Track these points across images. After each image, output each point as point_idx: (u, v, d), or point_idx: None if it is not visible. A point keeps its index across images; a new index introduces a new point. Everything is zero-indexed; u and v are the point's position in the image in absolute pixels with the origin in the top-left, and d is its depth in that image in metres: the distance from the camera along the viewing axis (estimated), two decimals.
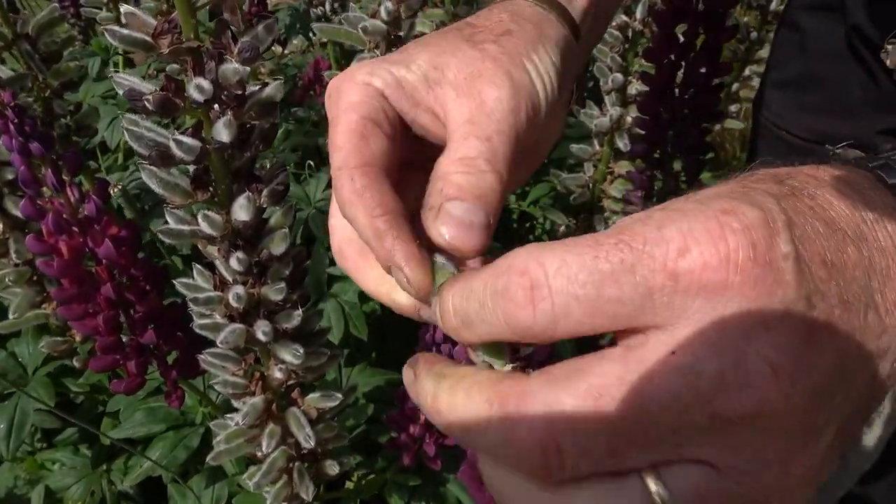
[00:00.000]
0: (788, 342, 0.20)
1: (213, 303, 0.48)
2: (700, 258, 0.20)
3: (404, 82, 0.30)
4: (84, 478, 0.93)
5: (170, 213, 0.44)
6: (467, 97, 0.29)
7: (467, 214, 0.27)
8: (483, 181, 0.27)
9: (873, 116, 0.63)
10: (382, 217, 0.27)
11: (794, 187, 0.24)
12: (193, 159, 0.39)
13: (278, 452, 0.63)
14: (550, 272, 0.21)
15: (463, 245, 0.27)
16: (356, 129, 0.29)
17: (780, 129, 0.70)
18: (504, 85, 0.29)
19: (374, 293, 0.30)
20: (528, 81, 0.30)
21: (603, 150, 1.02)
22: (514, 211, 1.51)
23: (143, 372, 0.60)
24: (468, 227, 0.27)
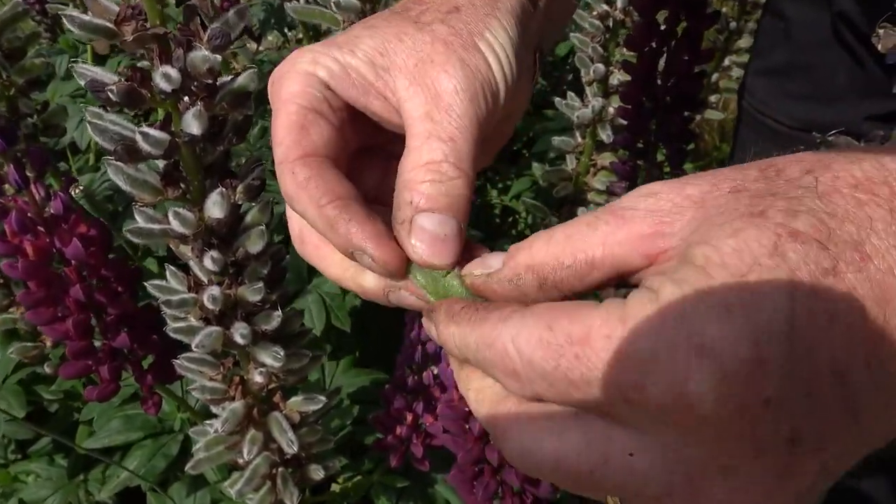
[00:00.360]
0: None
1: (188, 305, 0.46)
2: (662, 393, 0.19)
3: (350, 69, 0.29)
4: (60, 489, 0.90)
5: (139, 211, 0.42)
6: (420, 86, 0.28)
7: (440, 227, 0.26)
8: (452, 188, 0.27)
9: (859, 103, 0.63)
10: (331, 204, 0.27)
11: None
12: (162, 153, 0.37)
13: (260, 459, 0.61)
14: (523, 362, 0.22)
15: (440, 260, 0.26)
16: (296, 120, 0.28)
17: (764, 116, 0.70)
18: (458, 74, 0.28)
19: (340, 279, 0.29)
20: (483, 65, 0.29)
21: (585, 142, 1.00)
22: (496, 206, 1.50)
23: (116, 378, 0.58)
24: (442, 241, 0.26)
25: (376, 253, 0.26)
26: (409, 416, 0.69)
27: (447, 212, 0.26)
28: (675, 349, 0.19)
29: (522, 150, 1.58)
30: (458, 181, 0.27)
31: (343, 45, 0.29)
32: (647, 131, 0.76)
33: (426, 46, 0.29)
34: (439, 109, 0.27)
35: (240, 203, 0.44)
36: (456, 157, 0.27)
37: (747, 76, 0.73)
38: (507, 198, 1.44)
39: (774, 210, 0.20)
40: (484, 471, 0.53)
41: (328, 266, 0.30)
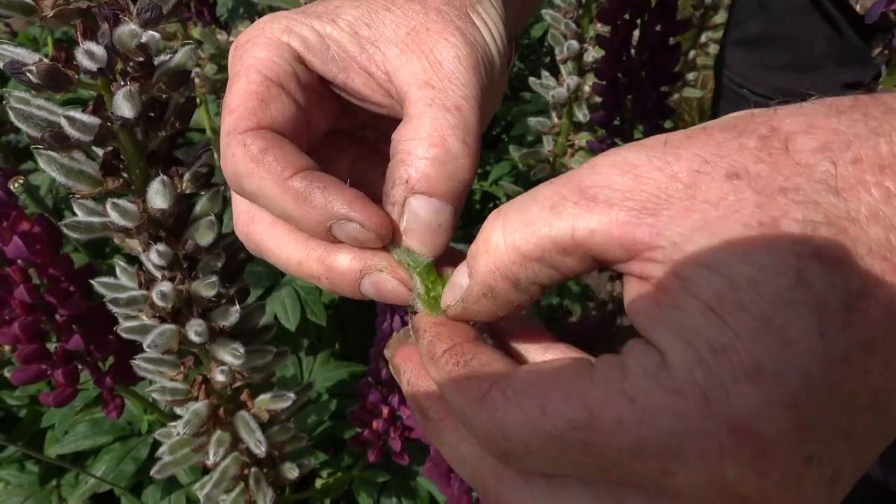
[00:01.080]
0: None
1: (137, 302, 0.43)
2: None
3: (330, 40, 0.26)
4: (31, 496, 0.87)
5: (78, 204, 0.39)
6: (416, 54, 0.25)
7: (436, 216, 0.23)
8: (457, 171, 0.23)
9: (837, 70, 0.62)
10: (297, 175, 0.23)
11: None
12: (93, 139, 0.34)
13: (230, 460, 0.58)
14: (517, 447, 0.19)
15: (430, 251, 0.24)
16: (256, 90, 0.25)
17: (742, 87, 0.68)
18: (458, 42, 0.25)
19: (301, 263, 0.25)
20: (479, 36, 0.26)
21: (562, 122, 0.98)
22: (475, 191, 1.47)
23: (73, 381, 0.55)
24: (435, 230, 0.24)
25: (363, 216, 0.23)
26: (386, 409, 0.67)
27: (445, 198, 0.23)
28: (704, 430, 0.16)
29: (501, 134, 1.56)
30: (464, 162, 0.23)
31: (322, 15, 0.26)
32: (623, 108, 0.73)
33: (418, 15, 0.26)
34: (441, 77, 0.24)
35: (188, 192, 0.41)
36: (464, 129, 0.23)
37: (724, 48, 0.71)
38: (487, 183, 1.42)
39: (789, 220, 0.17)
40: None
41: (285, 249, 0.25)
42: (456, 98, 0.24)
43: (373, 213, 0.23)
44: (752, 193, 0.17)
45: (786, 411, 0.16)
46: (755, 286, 0.17)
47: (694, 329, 0.17)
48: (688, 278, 0.17)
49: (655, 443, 0.17)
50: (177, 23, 1.00)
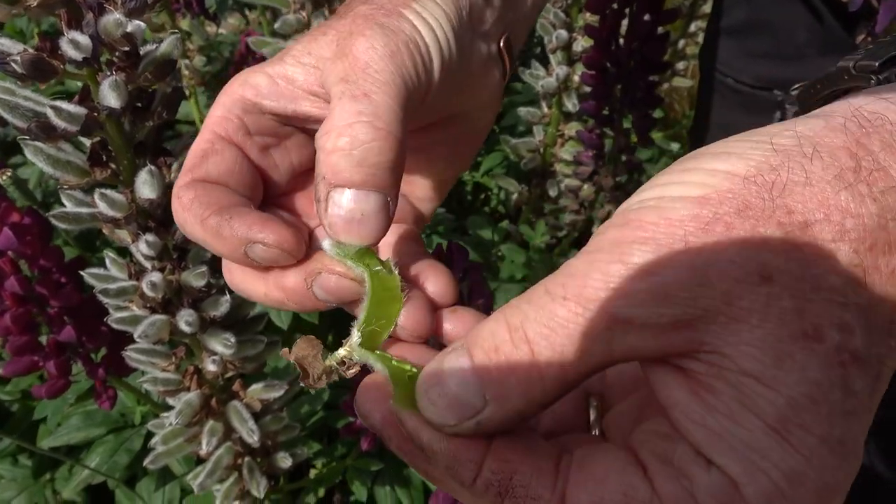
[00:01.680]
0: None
1: (127, 293, 0.43)
2: None
3: (279, 77, 0.28)
4: (25, 490, 0.87)
5: (66, 195, 0.39)
6: (339, 58, 0.26)
7: (357, 205, 0.23)
8: (368, 155, 0.23)
9: (820, 58, 0.62)
10: (212, 214, 0.25)
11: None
12: (79, 129, 0.34)
13: (223, 450, 0.59)
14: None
15: (358, 240, 0.24)
16: (202, 148, 0.27)
17: (726, 76, 0.68)
18: (375, 34, 0.26)
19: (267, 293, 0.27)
20: (406, 26, 0.27)
21: (552, 112, 0.98)
22: (467, 182, 1.48)
23: (65, 373, 0.55)
24: (359, 221, 0.23)
25: (263, 234, 0.24)
26: None
27: (364, 186, 0.23)
28: None
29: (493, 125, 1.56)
30: (374, 145, 0.23)
31: (276, 59, 0.28)
32: (612, 97, 0.74)
33: (346, 26, 0.27)
34: (355, 70, 0.25)
35: None
36: (372, 113, 0.23)
37: (709, 37, 0.72)
38: (479, 174, 1.42)
39: (828, 326, 0.17)
40: None
41: (252, 285, 0.27)
42: (365, 85, 0.24)
43: (272, 230, 0.24)
44: (790, 298, 0.18)
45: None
46: (815, 405, 0.17)
47: (762, 452, 0.17)
48: (746, 394, 0.18)
49: None
50: (165, 14, 0.99)
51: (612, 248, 0.19)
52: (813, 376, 0.17)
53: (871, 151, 0.18)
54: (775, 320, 0.18)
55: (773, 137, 0.19)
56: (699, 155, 0.20)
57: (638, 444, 0.21)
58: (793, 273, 0.18)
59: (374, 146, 0.23)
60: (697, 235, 0.18)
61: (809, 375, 0.17)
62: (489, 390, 0.20)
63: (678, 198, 0.19)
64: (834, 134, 0.19)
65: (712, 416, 0.18)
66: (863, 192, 0.18)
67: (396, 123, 0.24)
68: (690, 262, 0.18)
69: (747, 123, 0.25)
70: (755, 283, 0.18)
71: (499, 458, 0.20)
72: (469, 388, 0.20)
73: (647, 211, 0.19)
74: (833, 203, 0.18)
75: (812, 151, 0.18)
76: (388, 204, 0.24)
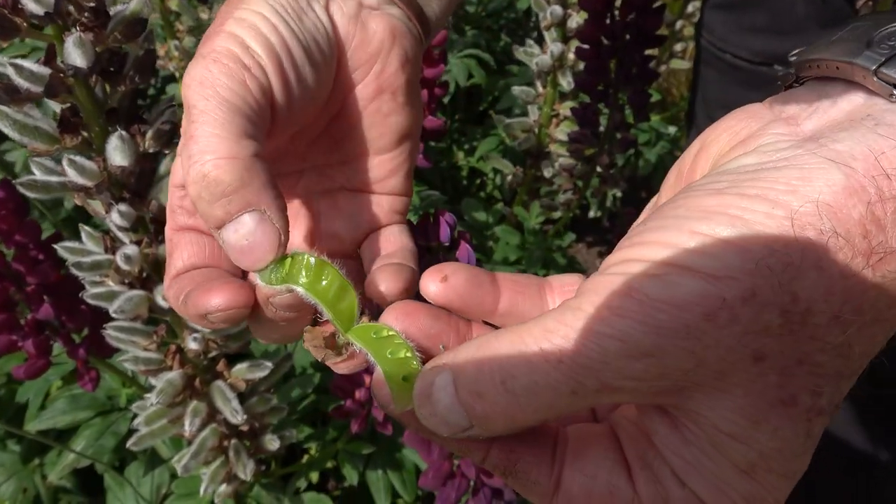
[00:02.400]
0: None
1: (102, 267, 0.42)
2: None
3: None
4: (14, 475, 0.86)
5: (35, 162, 0.38)
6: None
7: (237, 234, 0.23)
8: (215, 189, 0.23)
9: (818, 33, 0.60)
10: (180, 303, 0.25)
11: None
12: (44, 91, 0.32)
13: (208, 431, 0.57)
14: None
15: (262, 262, 0.23)
16: (167, 249, 0.29)
17: (723, 52, 0.66)
18: (194, 67, 0.24)
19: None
20: (222, 45, 0.25)
21: (546, 91, 0.97)
22: (463, 167, 1.46)
23: (44, 352, 0.54)
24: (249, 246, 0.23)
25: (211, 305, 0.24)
26: (368, 378, 0.66)
27: (230, 216, 0.23)
28: None
29: (488, 110, 1.54)
30: (212, 179, 0.22)
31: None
32: (607, 72, 0.72)
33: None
34: (186, 117, 0.24)
35: (151, 151, 0.40)
36: (198, 152, 0.23)
37: (704, 12, 0.70)
38: (474, 159, 1.40)
39: (804, 393, 0.19)
40: None
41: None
42: (189, 129, 0.23)
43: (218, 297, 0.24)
44: (776, 375, 0.19)
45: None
46: (781, 453, 0.20)
47: (729, 484, 0.20)
48: (721, 443, 0.20)
49: None
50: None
51: (613, 321, 0.19)
52: (783, 434, 0.20)
53: (883, 228, 0.18)
54: (758, 393, 0.19)
55: (792, 206, 0.19)
56: (713, 215, 0.19)
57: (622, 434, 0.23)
58: (784, 353, 0.19)
59: (211, 179, 0.22)
60: (701, 326, 0.18)
61: (780, 434, 0.19)
62: (473, 420, 0.21)
63: (687, 269, 0.19)
64: (852, 203, 0.18)
65: (688, 450, 0.20)
66: (866, 278, 0.18)
67: (227, 144, 0.23)
68: (690, 350, 0.18)
69: (748, 100, 0.24)
70: (748, 363, 0.19)
71: (504, 448, 0.22)
72: (457, 416, 0.21)
73: (653, 283, 0.19)
74: (837, 291, 0.18)
75: (829, 230, 0.18)
76: (262, 216, 0.23)
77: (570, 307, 0.20)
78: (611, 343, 0.19)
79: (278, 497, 0.76)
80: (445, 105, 1.37)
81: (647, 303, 0.18)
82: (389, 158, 0.30)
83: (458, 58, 1.25)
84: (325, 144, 0.30)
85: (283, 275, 0.23)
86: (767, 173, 0.19)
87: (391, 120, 0.29)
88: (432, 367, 0.22)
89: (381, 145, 0.30)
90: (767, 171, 0.19)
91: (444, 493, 0.52)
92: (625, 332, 0.19)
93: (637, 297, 0.19)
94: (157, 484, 0.80)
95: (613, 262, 0.20)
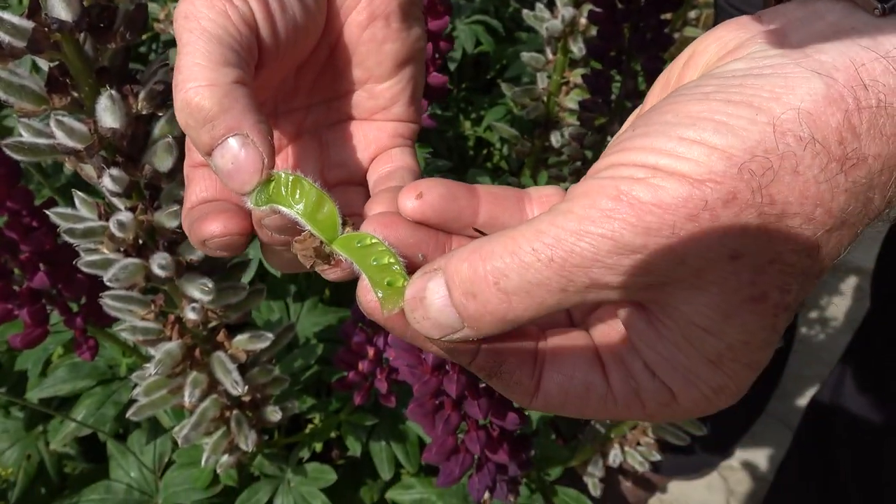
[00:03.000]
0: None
1: (96, 234, 0.41)
2: None
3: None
4: (18, 441, 0.86)
5: (23, 124, 0.36)
6: None
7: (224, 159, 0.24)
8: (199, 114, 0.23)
9: None
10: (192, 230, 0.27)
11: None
12: (27, 45, 0.30)
13: (208, 402, 0.56)
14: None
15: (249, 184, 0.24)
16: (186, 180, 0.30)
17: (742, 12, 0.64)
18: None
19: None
20: None
21: (556, 57, 0.94)
22: (469, 137, 1.43)
23: (40, 321, 0.53)
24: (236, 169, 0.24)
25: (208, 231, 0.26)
26: (371, 350, 0.65)
27: (215, 141, 0.24)
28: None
29: (496, 78, 1.51)
30: (197, 105, 0.23)
31: None
32: (620, 37, 0.69)
33: None
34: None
35: (144, 112, 0.38)
36: (182, 80, 0.23)
37: None
38: (481, 129, 1.37)
39: (774, 291, 0.21)
40: (444, 404, 0.49)
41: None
42: (178, 61, 0.24)
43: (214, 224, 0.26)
44: (749, 272, 0.20)
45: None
46: (747, 345, 0.21)
47: (698, 374, 0.22)
48: (693, 336, 0.21)
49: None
50: None
51: (603, 222, 0.20)
52: (751, 328, 0.21)
53: (857, 136, 0.19)
54: (732, 289, 0.20)
55: (774, 113, 0.20)
56: (700, 122, 0.20)
57: (598, 334, 0.25)
58: (758, 252, 0.20)
59: (194, 106, 0.23)
60: (685, 226, 0.20)
61: (748, 328, 0.21)
62: (466, 322, 0.22)
63: (672, 174, 0.20)
64: (831, 111, 0.19)
65: (662, 344, 0.22)
66: (839, 183, 0.20)
67: (206, 72, 0.23)
68: (674, 249, 0.20)
69: None
70: (725, 261, 0.20)
71: (490, 351, 0.24)
72: (449, 317, 0.22)
73: (641, 187, 0.20)
74: (811, 195, 0.20)
75: (808, 136, 0.19)
76: (245, 139, 0.24)
77: (562, 210, 0.21)
78: (602, 242, 0.20)
79: (281, 467, 0.76)
80: (452, 72, 1.33)
81: (637, 205, 0.20)
82: (389, 86, 0.30)
83: (465, 24, 1.22)
84: (328, 77, 0.31)
85: (267, 196, 0.24)
86: (754, 80, 0.20)
87: (386, 47, 0.29)
88: (424, 272, 0.23)
89: (379, 73, 0.30)
90: (754, 77, 0.20)
91: (448, 468, 0.51)
92: (616, 231, 0.20)
93: (626, 199, 0.20)
94: (160, 452, 0.80)
95: (602, 167, 0.21)
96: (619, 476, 1.17)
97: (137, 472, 0.76)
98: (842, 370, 0.81)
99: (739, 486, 1.24)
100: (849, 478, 0.79)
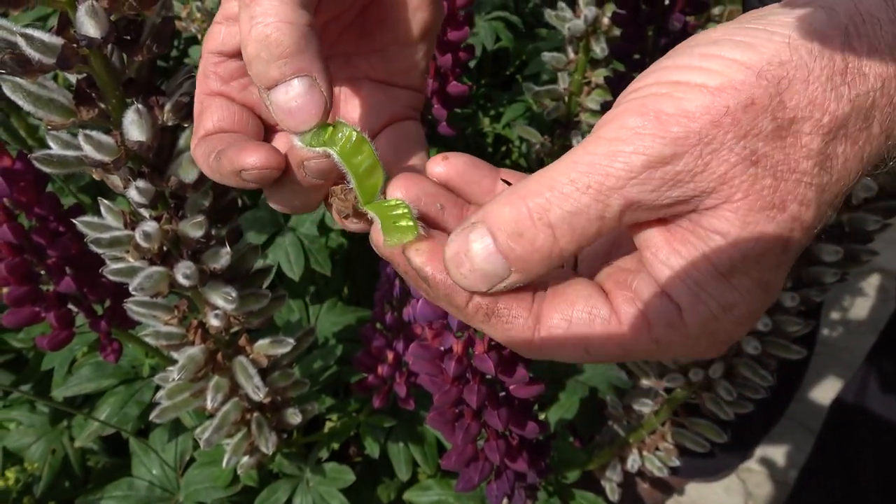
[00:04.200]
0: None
1: (122, 243, 0.41)
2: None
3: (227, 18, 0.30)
4: (43, 436, 0.88)
5: (51, 136, 0.36)
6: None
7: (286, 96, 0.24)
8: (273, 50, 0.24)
9: None
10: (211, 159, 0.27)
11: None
12: (56, 62, 0.31)
13: (230, 405, 0.57)
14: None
15: (305, 124, 0.25)
16: (196, 111, 0.30)
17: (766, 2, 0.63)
18: None
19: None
20: None
21: (578, 57, 0.93)
22: (488, 134, 1.43)
23: (67, 324, 0.53)
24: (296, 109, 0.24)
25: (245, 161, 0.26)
26: (391, 354, 0.65)
27: (284, 78, 0.24)
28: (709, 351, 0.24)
29: (515, 74, 1.50)
30: (272, 40, 0.23)
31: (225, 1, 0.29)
32: (644, 39, 0.69)
33: None
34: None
35: (170, 124, 0.38)
36: (261, 14, 0.24)
37: None
38: (500, 126, 1.37)
39: (792, 200, 0.22)
40: (464, 413, 0.49)
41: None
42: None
43: (252, 154, 0.26)
44: (770, 178, 0.21)
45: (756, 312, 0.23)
46: (758, 262, 0.22)
47: (707, 289, 0.22)
48: (710, 247, 0.22)
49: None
50: None
51: (633, 140, 0.21)
52: (767, 238, 0.22)
53: (858, 56, 0.21)
54: (755, 196, 0.21)
55: (789, 30, 0.21)
56: (720, 41, 0.22)
57: (604, 276, 0.25)
58: (776, 157, 0.21)
59: (273, 41, 0.24)
60: (709, 131, 0.21)
61: (765, 237, 0.22)
62: (514, 266, 0.23)
63: (696, 86, 0.21)
64: (835, 33, 0.21)
65: (675, 259, 0.22)
66: (843, 93, 0.21)
67: (287, 10, 0.24)
68: (699, 153, 0.21)
69: None
70: (746, 166, 0.21)
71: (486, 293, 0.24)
72: (496, 264, 0.23)
73: (666, 101, 0.21)
74: (819, 101, 0.21)
75: (817, 50, 0.21)
76: (313, 82, 0.24)
77: (592, 139, 0.22)
78: (635, 158, 0.21)
79: (300, 466, 0.77)
80: (471, 69, 1.33)
81: (663, 118, 0.21)
82: (412, 53, 0.31)
83: (485, 20, 1.21)
84: (354, 33, 0.31)
85: (325, 139, 0.25)
86: (767, 14, 0.22)
87: (418, 15, 0.30)
88: (462, 229, 0.23)
89: (406, 39, 0.31)
90: (766, 13, 0.23)
91: (467, 474, 0.51)
92: (646, 146, 0.21)
93: (653, 114, 0.21)
94: (181, 450, 0.80)
95: (626, 92, 0.22)
96: (636, 478, 1.16)
97: (159, 470, 0.77)
98: (866, 371, 0.80)
99: (758, 489, 1.23)
100: (871, 479, 0.78)
